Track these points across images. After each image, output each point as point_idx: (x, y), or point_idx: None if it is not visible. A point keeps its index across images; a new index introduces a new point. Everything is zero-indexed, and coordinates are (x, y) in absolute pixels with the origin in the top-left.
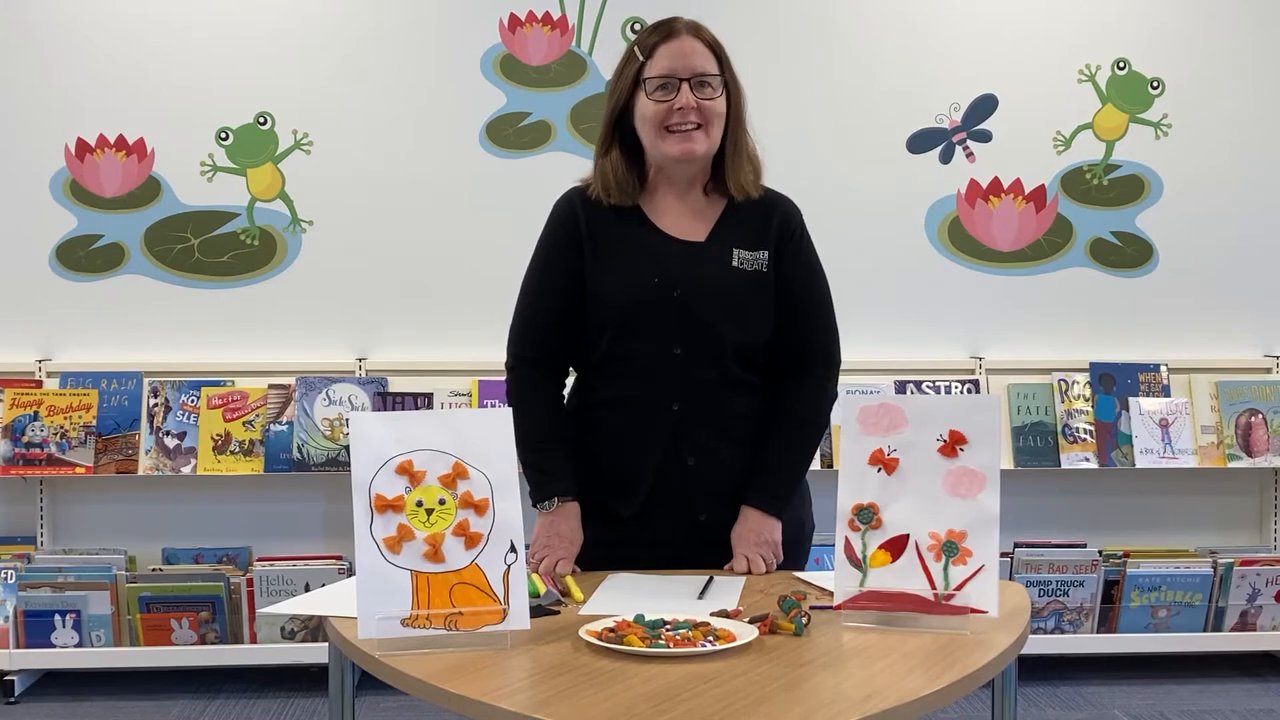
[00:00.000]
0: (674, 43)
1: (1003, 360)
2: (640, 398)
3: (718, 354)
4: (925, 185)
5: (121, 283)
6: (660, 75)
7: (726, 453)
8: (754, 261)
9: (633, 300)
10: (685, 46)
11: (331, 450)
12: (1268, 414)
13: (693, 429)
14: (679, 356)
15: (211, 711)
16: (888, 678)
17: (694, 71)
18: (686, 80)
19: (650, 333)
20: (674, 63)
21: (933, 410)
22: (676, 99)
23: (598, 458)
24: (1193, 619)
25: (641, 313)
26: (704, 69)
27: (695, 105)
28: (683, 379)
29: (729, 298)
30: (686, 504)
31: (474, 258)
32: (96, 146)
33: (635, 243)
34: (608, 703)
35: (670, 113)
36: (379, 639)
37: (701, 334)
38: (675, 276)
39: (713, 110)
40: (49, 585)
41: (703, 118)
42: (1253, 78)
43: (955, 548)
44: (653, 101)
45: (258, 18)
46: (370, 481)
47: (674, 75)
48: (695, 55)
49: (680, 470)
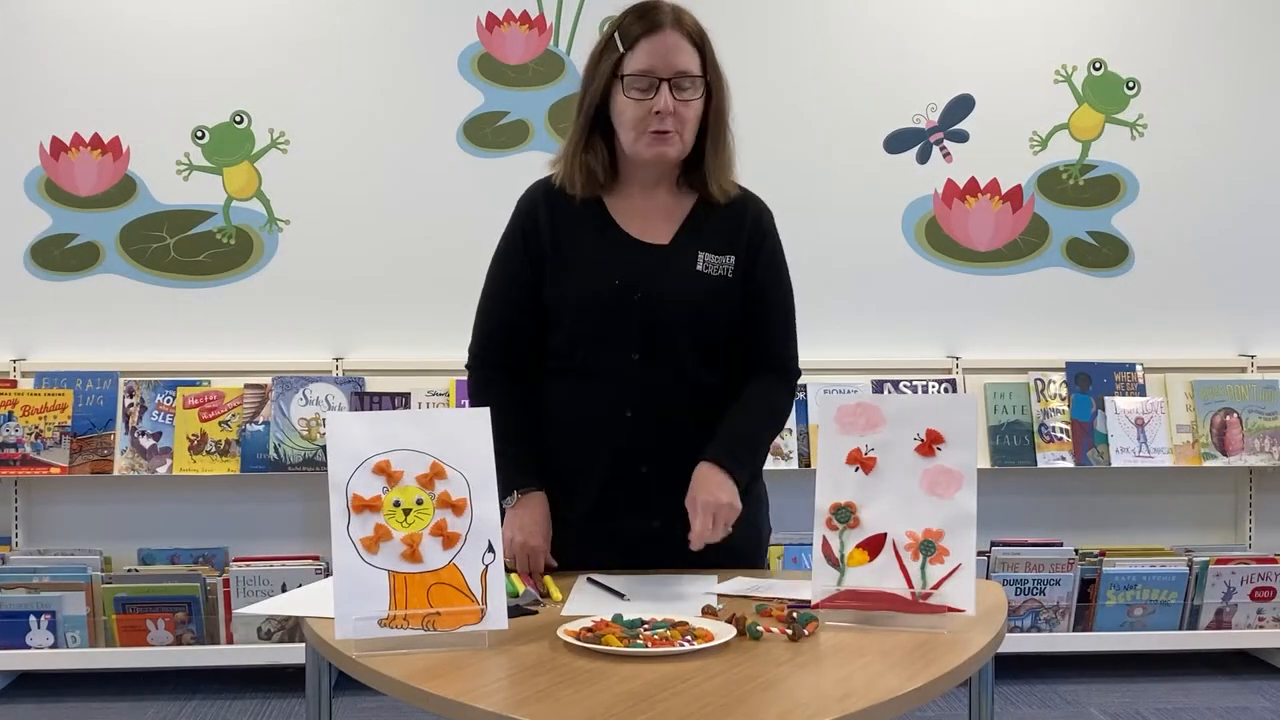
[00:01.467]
0: (656, 37)
1: (979, 360)
2: (594, 402)
3: (677, 360)
4: (902, 185)
5: (97, 282)
6: (640, 72)
7: (682, 460)
8: (720, 266)
9: (591, 303)
10: (668, 41)
11: (308, 450)
12: (1243, 413)
13: (647, 436)
14: (636, 362)
15: (188, 713)
16: (865, 677)
17: (675, 70)
18: (667, 80)
19: (607, 337)
20: (655, 60)
21: (910, 409)
22: (655, 100)
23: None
24: (1168, 617)
25: (599, 316)
26: (685, 68)
27: (674, 110)
28: (639, 385)
29: (691, 304)
30: (641, 510)
31: (451, 257)
32: (71, 145)
33: (597, 243)
34: (586, 702)
35: (648, 115)
36: (356, 639)
37: (661, 340)
38: (636, 280)
39: (688, 114)
40: (24, 586)
41: (678, 122)
42: (1228, 78)
43: (933, 547)
44: (630, 100)
45: (234, 16)
46: (347, 481)
47: (654, 74)
48: (678, 53)
49: (633, 477)
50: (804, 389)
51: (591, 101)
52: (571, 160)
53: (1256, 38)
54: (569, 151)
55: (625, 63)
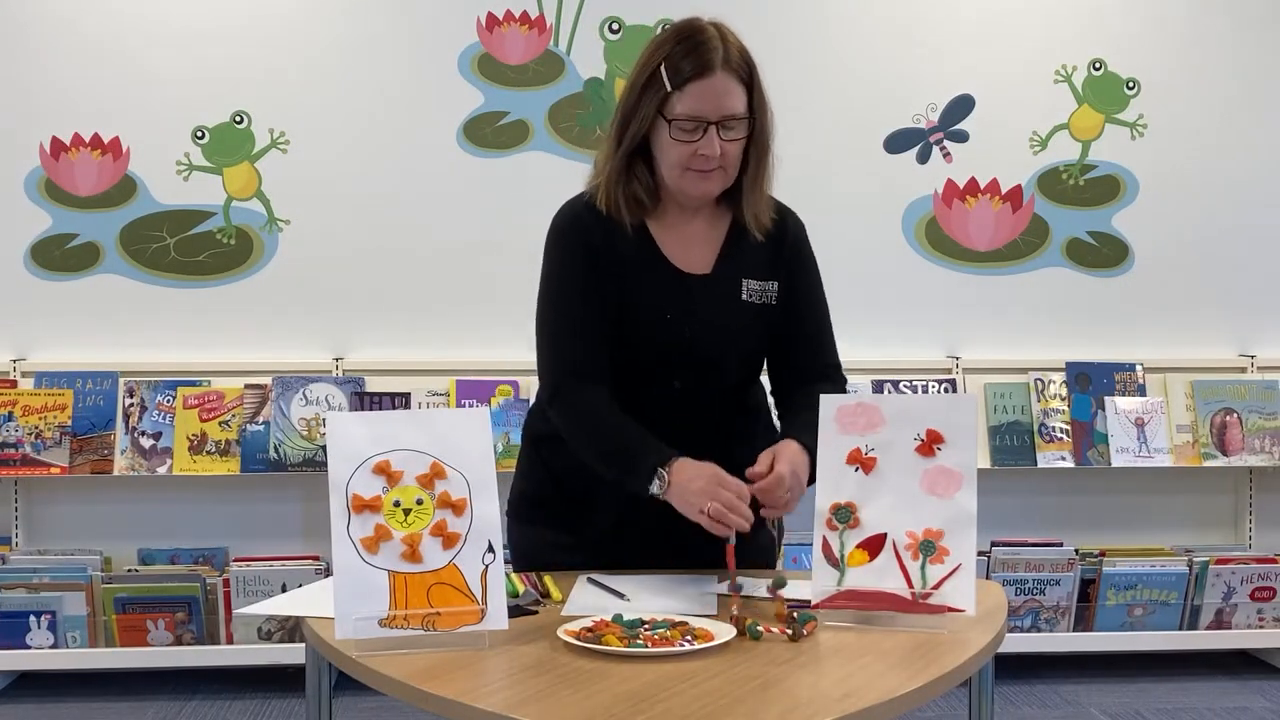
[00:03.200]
0: (707, 81)
1: (979, 360)
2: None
3: (719, 387)
4: (902, 185)
5: (97, 282)
6: (689, 116)
7: None
8: (763, 294)
9: (638, 335)
10: (719, 86)
11: (308, 450)
12: (1242, 413)
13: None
14: (678, 390)
15: (188, 713)
16: (865, 677)
17: (723, 115)
18: (715, 124)
19: (652, 367)
20: (704, 105)
21: (910, 410)
22: (702, 144)
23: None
24: (1168, 617)
25: (646, 348)
26: (734, 110)
27: (720, 151)
28: (678, 412)
29: (736, 335)
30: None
31: (452, 257)
32: (72, 145)
33: (642, 274)
34: (586, 703)
35: (694, 156)
36: (356, 639)
37: (705, 370)
38: (682, 314)
39: (734, 153)
40: (24, 586)
41: (725, 161)
42: (1228, 78)
43: (933, 547)
44: (675, 141)
45: (234, 16)
46: (347, 481)
47: (703, 119)
48: (728, 96)
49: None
50: None
51: (636, 132)
52: (614, 187)
53: (1257, 38)
54: (611, 179)
55: (673, 103)
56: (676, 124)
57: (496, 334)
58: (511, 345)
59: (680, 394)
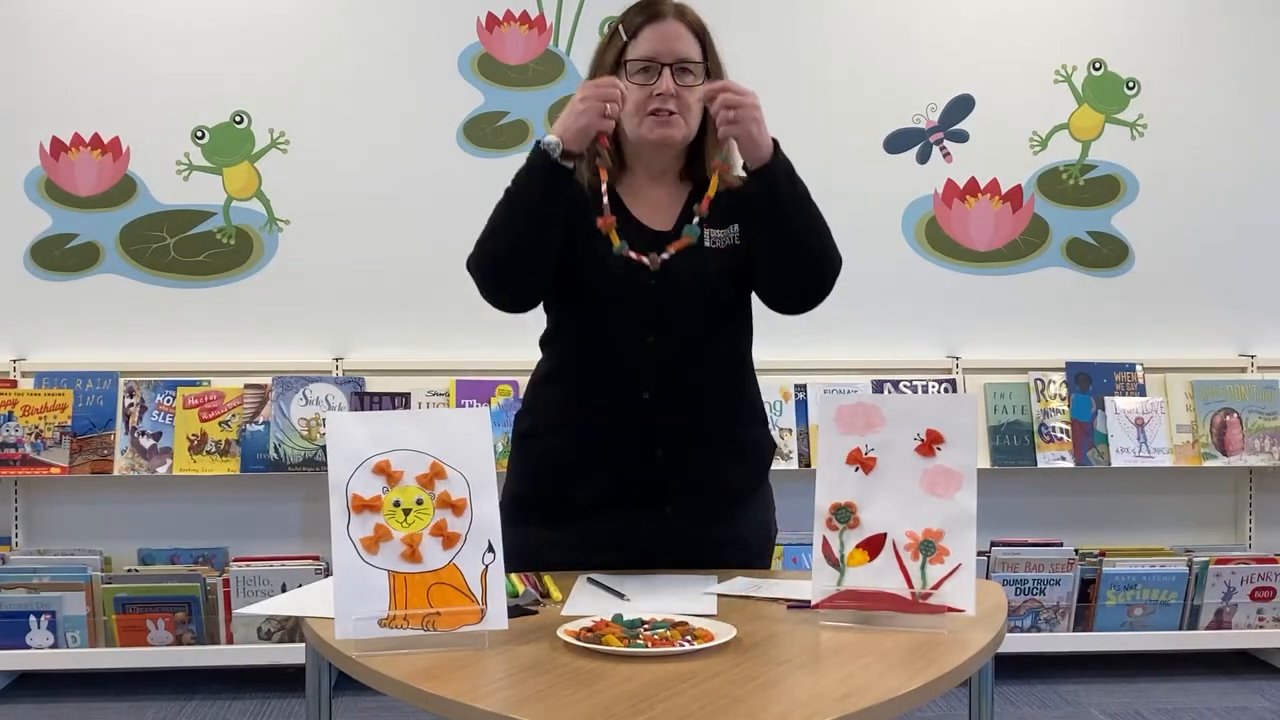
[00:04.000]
0: (659, 25)
1: (979, 360)
2: (610, 387)
3: (693, 336)
4: (902, 185)
5: (97, 282)
6: (643, 58)
7: (701, 444)
8: (726, 239)
9: (607, 284)
10: (670, 30)
11: (308, 450)
12: (1242, 413)
13: (665, 419)
14: (652, 344)
15: (188, 713)
16: (865, 677)
17: (676, 56)
18: (669, 65)
19: (622, 318)
20: (657, 46)
21: (910, 410)
22: (657, 84)
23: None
24: (1168, 617)
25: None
26: (687, 54)
27: (675, 92)
28: (656, 366)
29: (704, 280)
30: (655, 497)
31: (451, 257)
32: (72, 145)
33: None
34: (586, 702)
35: (650, 97)
36: (356, 639)
37: (676, 320)
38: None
39: (691, 97)
40: (24, 586)
41: (680, 105)
42: (1228, 78)
43: (933, 547)
44: (634, 84)
45: (234, 16)
46: (347, 481)
47: (656, 59)
48: (680, 40)
49: (648, 462)
50: (804, 389)
51: None
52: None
53: (1257, 37)
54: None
55: (628, 50)
56: (632, 65)
57: (496, 334)
58: (511, 345)
59: (653, 347)
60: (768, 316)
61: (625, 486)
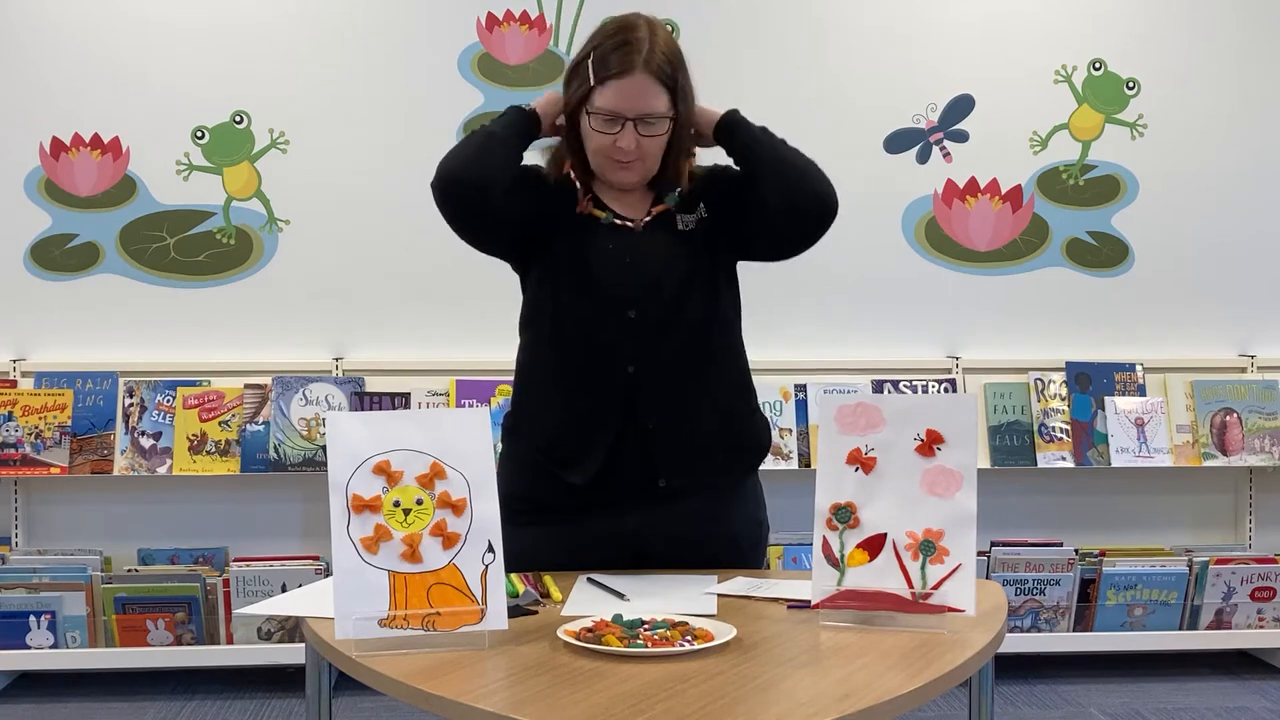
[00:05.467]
0: (627, 80)
1: (979, 360)
2: (594, 363)
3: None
4: (902, 185)
5: (97, 282)
6: (607, 111)
7: (692, 413)
8: (696, 221)
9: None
10: (637, 86)
11: (308, 450)
12: (1242, 413)
13: (652, 390)
14: (633, 320)
15: (188, 713)
16: (865, 677)
17: (640, 113)
18: (632, 120)
19: (603, 297)
20: (622, 102)
21: (910, 410)
22: (620, 138)
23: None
24: (1168, 617)
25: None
26: (651, 109)
27: (636, 145)
28: (638, 343)
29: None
30: (648, 469)
31: (451, 257)
32: (71, 145)
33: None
34: (586, 703)
35: (613, 148)
36: (356, 639)
37: (656, 295)
38: (623, 247)
39: (652, 148)
40: (24, 586)
41: (641, 154)
42: (1228, 78)
43: (932, 547)
44: (595, 131)
45: (234, 16)
46: (347, 481)
47: (620, 115)
48: (646, 95)
49: (640, 435)
50: (804, 389)
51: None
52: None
53: (1256, 37)
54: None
55: (594, 97)
56: (596, 115)
57: (496, 334)
58: (511, 345)
59: (635, 322)
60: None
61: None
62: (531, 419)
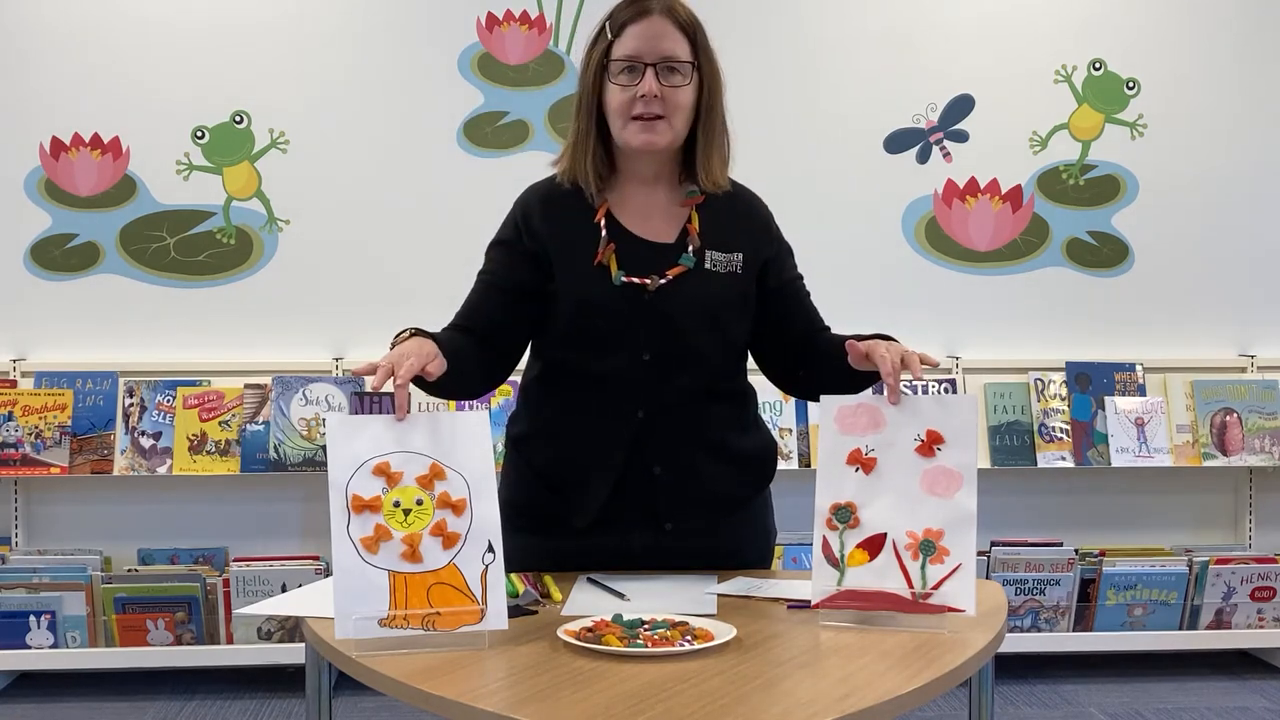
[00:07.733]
0: (644, 23)
1: (979, 360)
2: (604, 404)
3: (690, 360)
4: (902, 185)
5: (97, 282)
6: (626, 58)
7: (700, 461)
8: (728, 264)
9: (598, 303)
10: (655, 28)
11: (308, 450)
12: (1243, 413)
13: (661, 437)
14: (648, 362)
15: (188, 713)
16: (865, 676)
17: (661, 56)
18: (653, 65)
19: (618, 337)
20: (641, 45)
21: (910, 410)
22: (640, 85)
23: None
24: (1168, 617)
25: (608, 316)
26: (673, 53)
27: (659, 94)
28: (651, 385)
29: (703, 302)
30: (651, 514)
31: (451, 257)
32: (71, 145)
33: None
34: (586, 703)
35: (634, 100)
36: (356, 639)
37: (674, 340)
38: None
39: (677, 100)
40: (24, 586)
41: (666, 108)
42: (1228, 78)
43: (933, 547)
44: (617, 86)
45: (234, 16)
46: (347, 482)
47: (640, 59)
48: (665, 38)
49: (646, 480)
50: None
51: (584, 93)
52: (580, 156)
53: (1257, 37)
54: (570, 149)
55: (613, 49)
56: (616, 65)
57: None
58: None
59: (651, 366)
60: None
61: (622, 505)
62: (534, 438)
